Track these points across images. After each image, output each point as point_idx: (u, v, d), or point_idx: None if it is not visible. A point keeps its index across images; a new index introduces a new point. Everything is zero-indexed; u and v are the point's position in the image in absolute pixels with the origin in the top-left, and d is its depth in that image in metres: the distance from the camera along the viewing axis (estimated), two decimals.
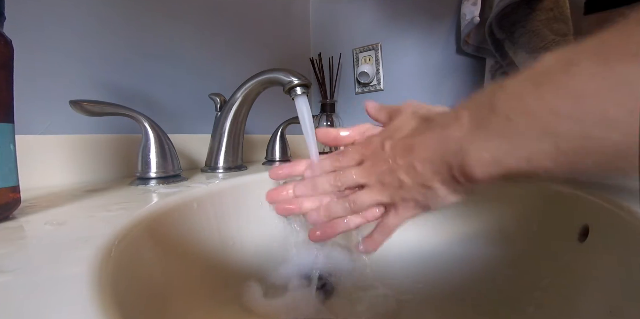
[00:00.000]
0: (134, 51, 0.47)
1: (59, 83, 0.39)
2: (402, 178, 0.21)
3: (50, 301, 0.12)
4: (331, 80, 0.83)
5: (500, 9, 0.51)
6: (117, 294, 0.14)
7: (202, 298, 0.27)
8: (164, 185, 0.36)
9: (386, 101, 0.22)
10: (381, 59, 0.81)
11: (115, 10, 0.44)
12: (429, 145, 0.20)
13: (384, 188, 0.23)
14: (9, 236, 0.19)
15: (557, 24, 0.49)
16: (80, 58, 0.41)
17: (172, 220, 0.27)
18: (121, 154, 0.43)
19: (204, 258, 0.29)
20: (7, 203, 0.21)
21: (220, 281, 0.30)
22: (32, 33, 0.36)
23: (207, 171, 0.47)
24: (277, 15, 0.78)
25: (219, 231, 0.33)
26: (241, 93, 0.43)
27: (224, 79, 0.61)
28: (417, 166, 0.20)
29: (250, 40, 0.69)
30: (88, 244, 0.17)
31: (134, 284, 0.19)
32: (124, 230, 0.20)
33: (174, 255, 0.26)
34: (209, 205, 0.33)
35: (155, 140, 0.36)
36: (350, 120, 0.87)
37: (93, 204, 0.27)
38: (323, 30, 0.90)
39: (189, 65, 0.55)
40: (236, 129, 0.46)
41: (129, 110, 0.35)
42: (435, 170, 0.19)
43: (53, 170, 0.37)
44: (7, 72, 0.21)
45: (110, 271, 0.15)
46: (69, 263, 0.15)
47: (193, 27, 0.56)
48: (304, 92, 0.33)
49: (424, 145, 0.20)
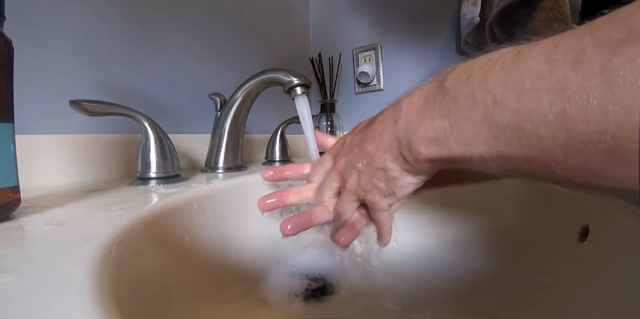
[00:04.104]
0: (134, 51, 0.47)
1: (59, 83, 0.39)
2: (358, 167, 0.22)
3: (50, 301, 0.12)
4: (331, 80, 0.83)
5: (500, 9, 0.51)
6: (117, 294, 0.14)
7: (202, 297, 0.27)
8: (164, 185, 0.36)
9: (386, 101, 0.21)
10: (381, 59, 0.81)
11: (115, 11, 0.44)
12: (381, 124, 0.20)
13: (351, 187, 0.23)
14: (9, 236, 0.19)
15: (557, 24, 0.49)
16: (81, 59, 0.41)
17: (172, 220, 0.27)
18: (121, 154, 0.43)
19: (203, 258, 0.29)
20: (7, 203, 0.21)
21: (219, 281, 0.30)
22: (32, 33, 0.36)
23: (207, 171, 0.47)
24: (277, 15, 0.78)
25: (219, 231, 0.33)
26: (241, 93, 0.43)
27: (224, 79, 0.61)
28: (369, 147, 0.20)
29: (250, 40, 0.69)
30: (88, 244, 0.17)
31: (133, 284, 0.19)
32: (124, 230, 0.20)
33: (174, 254, 0.26)
34: (209, 205, 0.33)
35: (155, 140, 0.36)
36: (350, 120, 0.87)
37: (93, 204, 0.27)
38: (323, 30, 0.90)
39: (189, 65, 0.55)
40: (236, 129, 0.46)
41: (129, 110, 0.35)
42: (385, 148, 0.19)
43: (53, 170, 0.37)
44: (7, 72, 0.21)
45: (110, 271, 0.15)
46: (69, 263, 0.15)
47: (193, 27, 0.56)
48: (304, 92, 0.33)
49: (376, 126, 0.20)
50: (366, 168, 0.21)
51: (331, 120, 0.82)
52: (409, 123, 0.17)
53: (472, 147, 0.14)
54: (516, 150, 0.13)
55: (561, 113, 0.11)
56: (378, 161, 0.20)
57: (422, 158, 0.17)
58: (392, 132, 0.19)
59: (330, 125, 0.82)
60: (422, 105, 0.17)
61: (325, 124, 0.82)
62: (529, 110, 0.12)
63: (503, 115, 0.13)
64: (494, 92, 0.13)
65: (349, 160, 0.23)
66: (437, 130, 0.15)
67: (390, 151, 0.19)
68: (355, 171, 0.22)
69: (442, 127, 0.15)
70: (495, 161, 0.14)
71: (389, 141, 0.19)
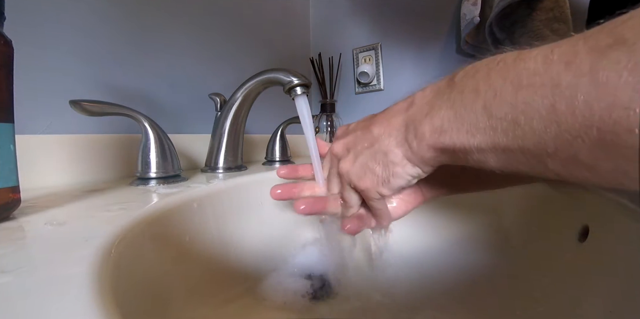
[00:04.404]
0: (134, 51, 0.47)
1: (59, 83, 0.39)
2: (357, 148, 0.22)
3: (50, 301, 0.12)
4: (331, 80, 0.83)
5: (500, 9, 0.51)
6: (117, 294, 0.14)
7: (202, 297, 0.27)
8: (164, 185, 0.36)
9: (386, 101, 0.22)
10: (381, 59, 0.81)
11: (115, 11, 0.44)
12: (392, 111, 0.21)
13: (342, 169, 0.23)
14: (9, 236, 0.19)
15: (557, 24, 0.49)
16: (81, 59, 0.41)
17: (172, 220, 0.27)
18: (121, 154, 0.43)
19: (203, 258, 0.29)
20: (7, 203, 0.21)
21: (219, 281, 0.30)
22: (32, 33, 0.36)
23: (207, 171, 0.47)
24: (277, 15, 0.78)
25: (219, 231, 0.33)
26: (241, 93, 0.43)
27: (224, 79, 0.61)
28: (375, 130, 0.21)
29: (250, 40, 0.69)
30: (88, 244, 0.17)
31: (133, 284, 0.19)
32: (124, 230, 0.20)
33: (174, 254, 0.26)
34: (209, 205, 0.33)
35: (155, 140, 0.36)
36: (350, 120, 0.86)
37: (93, 204, 0.27)
38: (323, 30, 0.90)
39: (189, 65, 0.55)
40: (236, 129, 0.46)
41: (129, 110, 0.35)
42: (390, 132, 0.20)
43: (53, 170, 0.37)
44: (7, 71, 0.21)
45: (110, 271, 0.15)
46: (69, 263, 0.15)
47: (193, 27, 0.56)
48: (304, 92, 0.33)
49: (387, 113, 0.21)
50: (366, 149, 0.22)
51: (331, 120, 0.82)
52: (418, 112, 0.19)
53: (471, 136, 0.15)
54: (511, 141, 0.14)
55: (552, 107, 0.12)
56: (381, 143, 0.21)
57: (425, 145, 0.18)
58: (402, 117, 0.20)
59: (330, 125, 0.82)
60: (432, 97, 0.18)
61: (325, 124, 0.82)
62: (523, 103, 0.13)
63: (501, 106, 0.14)
64: (495, 85, 0.14)
65: (348, 141, 0.23)
66: (442, 120, 0.17)
67: (396, 136, 0.20)
68: (353, 152, 0.23)
69: (447, 117, 0.16)
70: (493, 152, 0.15)
71: (397, 125, 0.20)
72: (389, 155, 0.20)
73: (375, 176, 0.21)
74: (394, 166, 0.20)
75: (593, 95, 0.10)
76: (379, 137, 0.21)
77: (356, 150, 0.22)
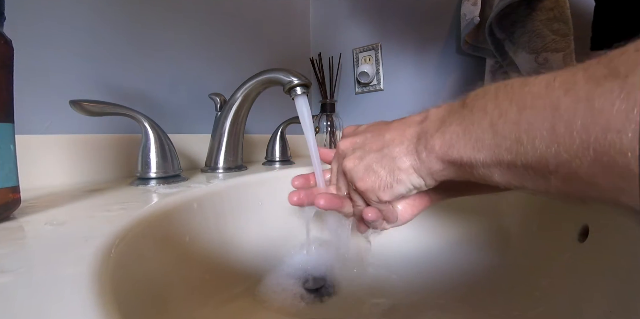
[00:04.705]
0: (134, 51, 0.47)
1: (59, 83, 0.39)
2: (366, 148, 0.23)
3: (50, 301, 0.12)
4: (331, 80, 0.83)
5: (500, 9, 0.51)
6: (117, 294, 0.14)
7: (202, 297, 0.27)
8: (164, 185, 0.36)
9: (386, 101, 0.22)
10: (381, 59, 0.81)
11: (116, 11, 0.44)
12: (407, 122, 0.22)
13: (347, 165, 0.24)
14: (9, 236, 0.19)
15: (557, 24, 0.49)
16: (81, 59, 0.41)
17: (172, 220, 0.27)
18: (121, 154, 0.43)
19: (203, 258, 0.29)
20: (7, 203, 0.21)
21: (219, 281, 0.30)
22: (32, 33, 0.36)
23: (207, 171, 0.47)
24: (277, 15, 0.78)
25: (219, 231, 0.33)
26: (241, 93, 0.43)
27: (224, 79, 0.61)
28: (387, 135, 0.22)
29: (250, 40, 0.69)
30: (88, 244, 0.17)
31: (133, 284, 0.19)
32: (124, 230, 0.20)
33: (174, 254, 0.26)
34: (209, 205, 0.33)
35: (155, 140, 0.36)
36: (350, 120, 0.87)
37: (93, 204, 0.27)
38: (323, 30, 0.90)
39: (189, 65, 0.55)
40: (236, 129, 0.46)
41: (129, 110, 0.35)
42: (403, 140, 0.21)
43: (53, 170, 0.37)
44: (7, 71, 0.21)
45: (110, 271, 0.15)
46: (69, 263, 0.15)
47: (193, 27, 0.56)
48: (304, 92, 0.33)
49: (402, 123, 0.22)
50: (374, 152, 0.22)
51: (331, 120, 0.82)
52: (431, 126, 0.20)
53: (477, 151, 0.16)
54: (515, 157, 0.15)
55: (552, 128, 0.13)
56: (392, 149, 0.21)
57: (434, 156, 0.19)
58: (416, 129, 0.21)
59: (330, 125, 0.82)
60: (445, 114, 0.20)
61: (325, 124, 0.82)
62: (527, 123, 0.14)
63: (505, 125, 0.15)
64: (501, 106, 0.15)
65: (356, 141, 0.24)
66: (451, 134, 0.18)
67: (407, 145, 0.21)
68: (359, 152, 0.23)
69: (456, 132, 0.18)
70: (497, 168, 0.16)
71: (409, 136, 0.21)
72: (396, 161, 0.21)
73: (378, 179, 0.22)
74: (399, 172, 0.21)
75: (589, 119, 0.11)
76: (390, 143, 0.22)
77: (364, 150, 0.23)
